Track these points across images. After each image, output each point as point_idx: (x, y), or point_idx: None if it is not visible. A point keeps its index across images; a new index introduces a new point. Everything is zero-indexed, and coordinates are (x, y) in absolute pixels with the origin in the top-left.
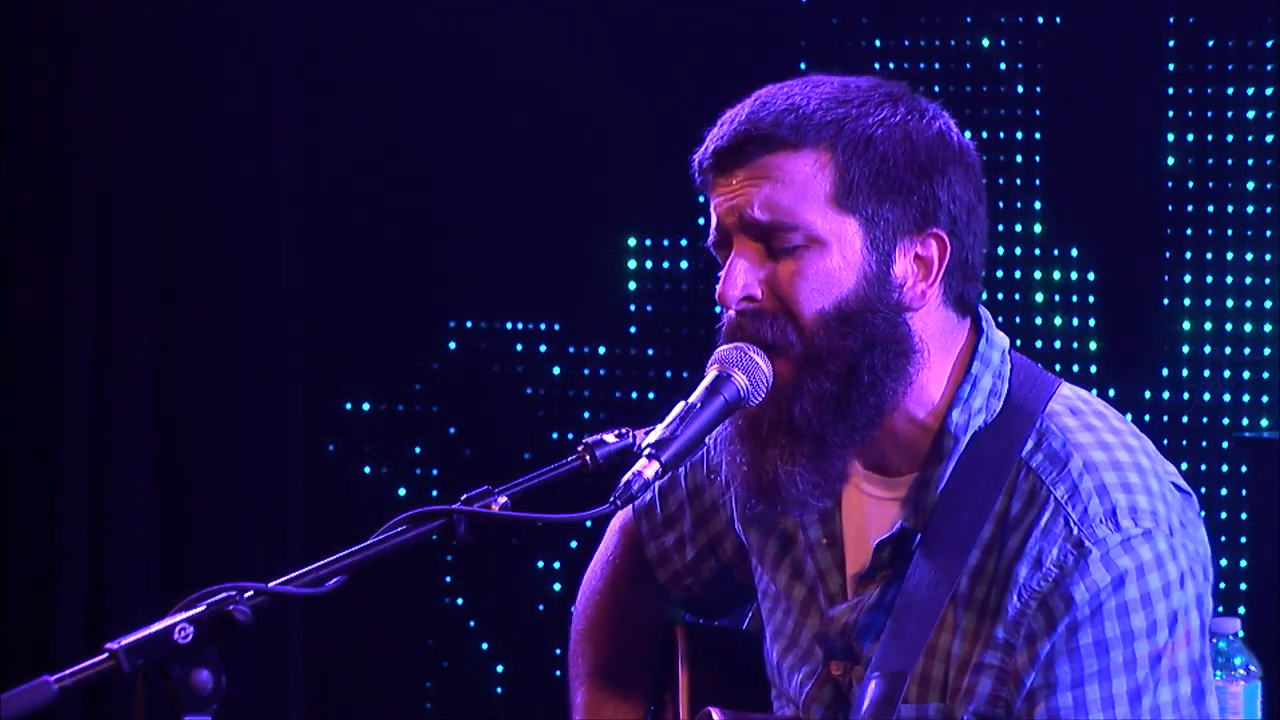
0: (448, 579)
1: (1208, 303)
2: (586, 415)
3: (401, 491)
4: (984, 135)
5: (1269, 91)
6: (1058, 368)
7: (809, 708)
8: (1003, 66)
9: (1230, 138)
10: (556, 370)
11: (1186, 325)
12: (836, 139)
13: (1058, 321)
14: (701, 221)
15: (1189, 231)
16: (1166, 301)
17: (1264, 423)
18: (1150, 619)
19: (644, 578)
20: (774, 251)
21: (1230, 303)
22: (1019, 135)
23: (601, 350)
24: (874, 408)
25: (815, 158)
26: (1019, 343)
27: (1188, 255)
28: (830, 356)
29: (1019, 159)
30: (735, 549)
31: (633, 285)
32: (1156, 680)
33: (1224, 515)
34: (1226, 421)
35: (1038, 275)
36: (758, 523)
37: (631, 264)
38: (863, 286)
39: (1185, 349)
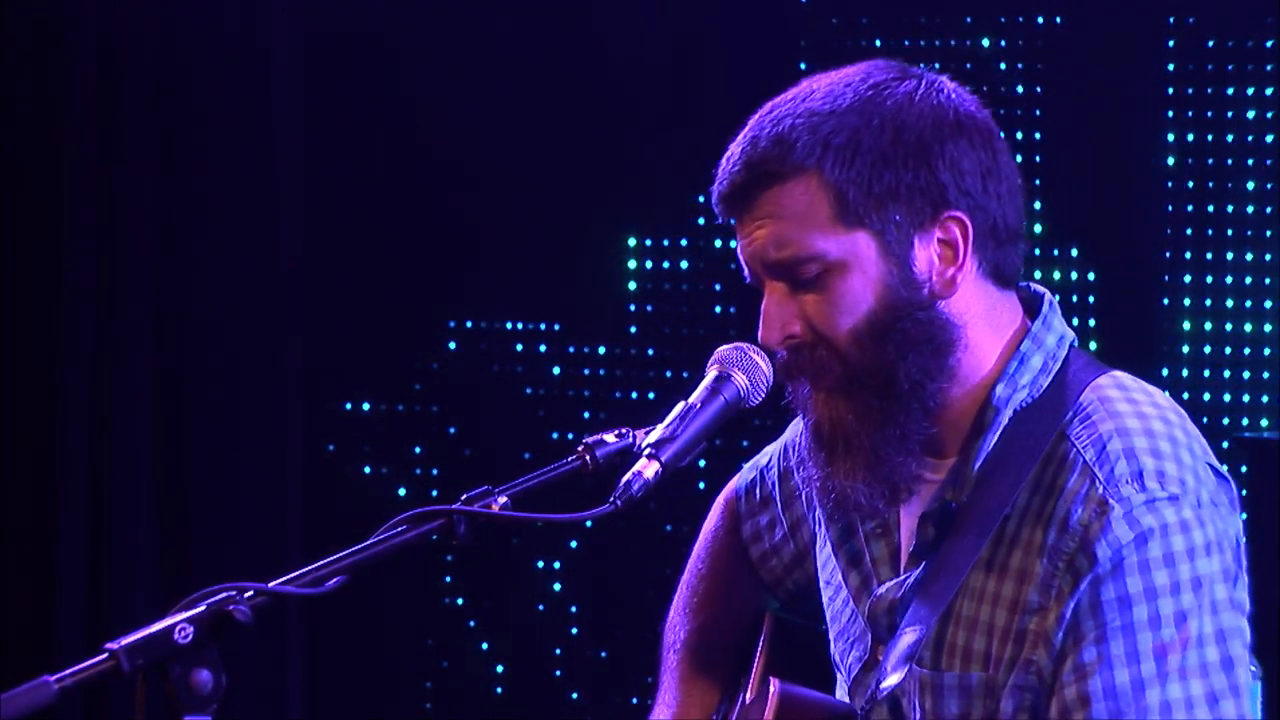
0: (448, 579)
1: (1208, 303)
2: (586, 415)
3: (401, 491)
4: None
5: (1269, 91)
6: None
7: (854, 692)
8: (1003, 66)
9: (1230, 138)
10: (556, 370)
11: (1186, 325)
12: (823, 158)
13: None
14: (701, 222)
15: (1189, 231)
16: (1166, 301)
17: (1264, 423)
18: (1173, 579)
19: (741, 555)
20: (798, 285)
21: (1230, 303)
22: (1019, 135)
23: (601, 350)
24: (920, 412)
25: (805, 184)
26: None
27: (1188, 255)
28: (868, 373)
29: (1019, 159)
30: (809, 537)
31: (633, 285)
32: (1184, 641)
33: None
34: (1226, 421)
35: (1038, 275)
36: (826, 511)
37: (631, 264)
38: (888, 295)
39: (1185, 349)
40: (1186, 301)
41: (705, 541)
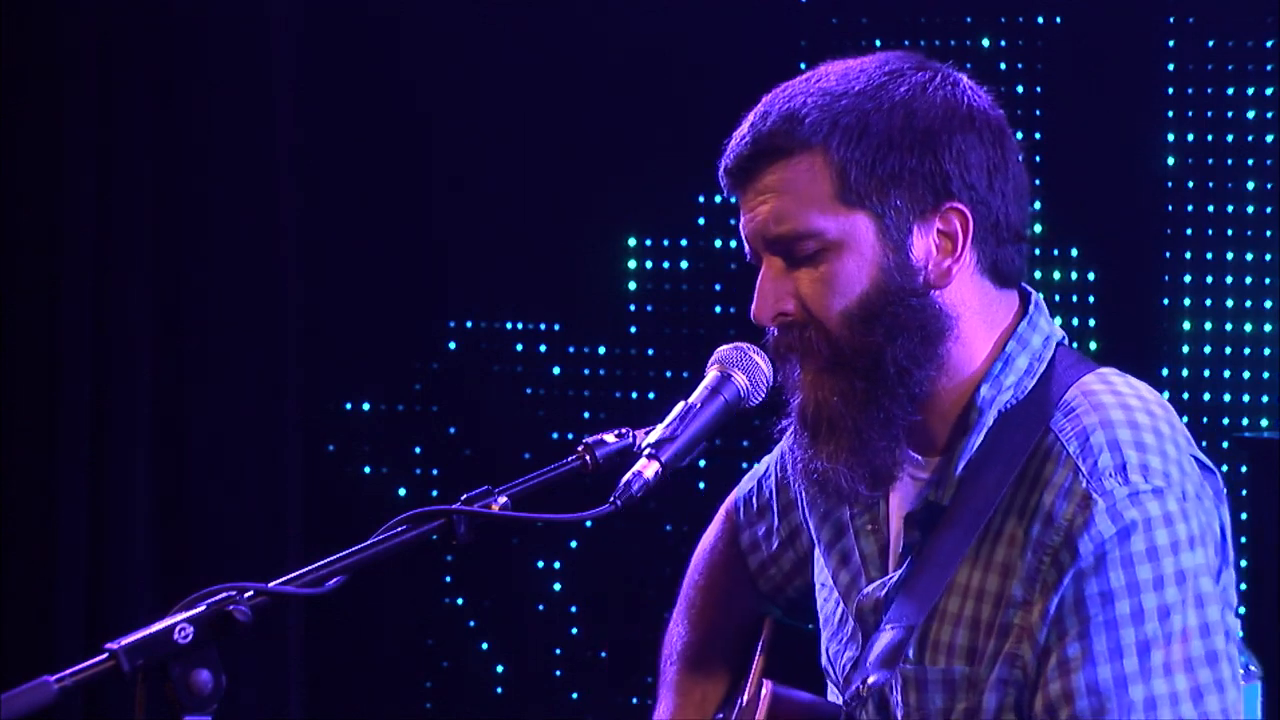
0: (448, 579)
1: (1208, 303)
2: (586, 415)
3: (401, 491)
4: None
5: (1269, 91)
6: None
7: (846, 692)
8: (1003, 66)
9: (1230, 138)
10: (556, 370)
11: (1186, 325)
12: (830, 135)
13: (1058, 321)
14: (701, 222)
15: (1189, 231)
16: (1166, 301)
17: (1264, 423)
18: (1157, 573)
19: (739, 564)
20: (795, 261)
21: (1230, 303)
22: (1019, 135)
23: (601, 350)
24: (905, 398)
25: (810, 160)
26: None
27: (1188, 255)
28: (855, 355)
29: (1019, 159)
30: (808, 543)
31: (633, 285)
32: (1168, 636)
33: None
34: (1226, 421)
35: (1038, 275)
36: (818, 513)
37: (631, 264)
38: (882, 279)
39: (1185, 349)
40: (1186, 301)
41: (704, 551)
